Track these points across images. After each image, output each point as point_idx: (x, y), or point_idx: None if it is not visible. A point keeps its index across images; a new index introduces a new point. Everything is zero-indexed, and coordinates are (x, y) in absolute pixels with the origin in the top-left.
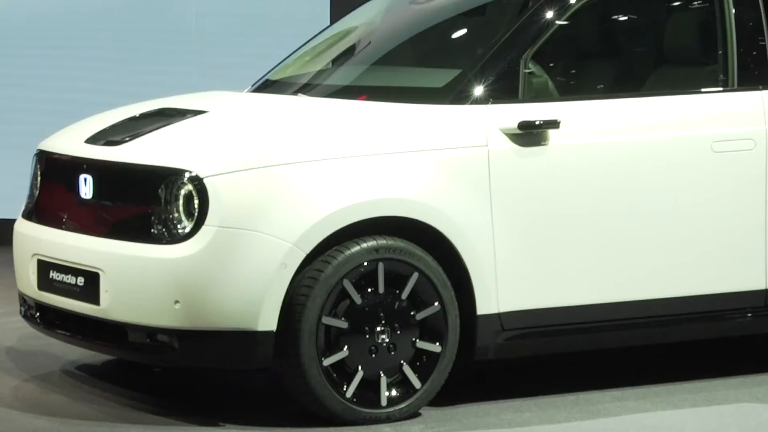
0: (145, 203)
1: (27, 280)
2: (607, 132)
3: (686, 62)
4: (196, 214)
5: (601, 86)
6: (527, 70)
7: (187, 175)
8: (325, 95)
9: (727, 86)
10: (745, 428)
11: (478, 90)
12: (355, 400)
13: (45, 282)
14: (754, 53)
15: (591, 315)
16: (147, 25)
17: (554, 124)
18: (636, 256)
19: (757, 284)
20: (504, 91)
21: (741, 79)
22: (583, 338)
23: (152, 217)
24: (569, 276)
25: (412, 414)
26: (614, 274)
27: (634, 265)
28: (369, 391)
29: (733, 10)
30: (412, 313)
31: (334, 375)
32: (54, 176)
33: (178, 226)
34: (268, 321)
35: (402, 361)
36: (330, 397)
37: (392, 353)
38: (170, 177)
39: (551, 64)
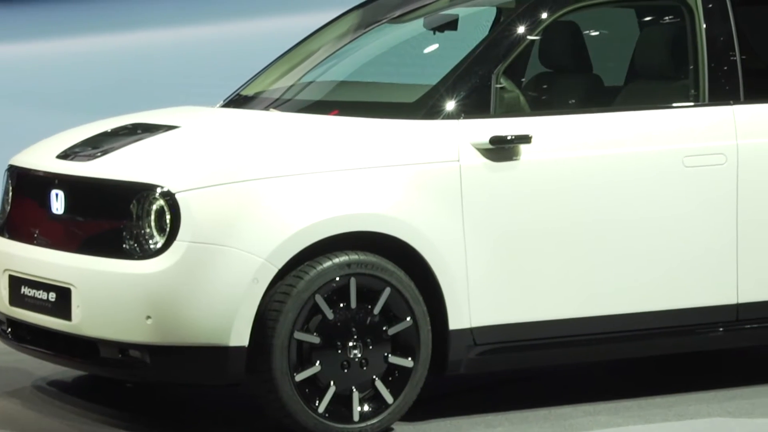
0: (117, 218)
1: None
2: (578, 147)
3: (657, 77)
4: (167, 229)
5: (573, 101)
6: (499, 85)
7: (159, 190)
8: (296, 110)
9: (698, 101)
10: None
11: (450, 105)
12: (327, 415)
13: (16, 297)
14: (725, 68)
15: (563, 330)
16: None
17: (526, 139)
18: (608, 270)
19: (728, 299)
20: (476, 106)
21: (712, 94)
22: (556, 353)
23: (124, 233)
24: (541, 291)
25: (385, 429)
26: (586, 289)
27: (605, 280)
28: (341, 406)
29: (704, 25)
30: (384, 328)
31: (307, 390)
32: (25, 191)
33: (150, 241)
34: (239, 336)
35: (374, 376)
36: (302, 412)
37: (364, 368)
38: (142, 192)
39: (523, 79)
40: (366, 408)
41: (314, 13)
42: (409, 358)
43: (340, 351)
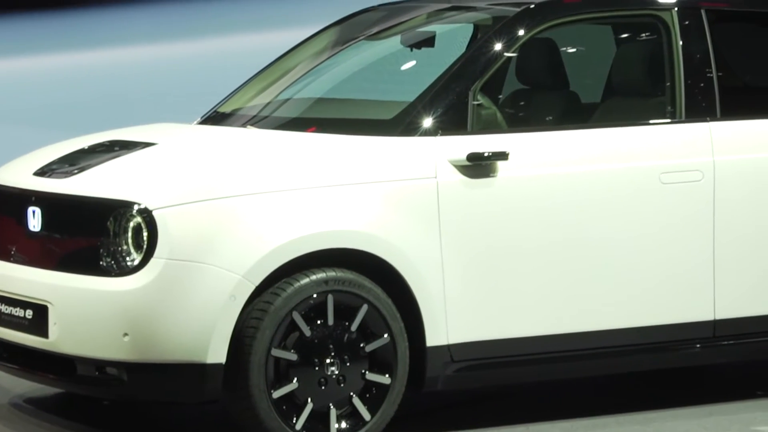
0: (94, 236)
1: None
2: (555, 164)
3: (634, 94)
4: (145, 246)
5: (550, 118)
6: (476, 102)
7: (136, 207)
8: (274, 127)
9: (675, 118)
10: None
11: (427, 122)
12: None
13: None
14: (702, 85)
15: (541, 346)
16: None
17: (503, 155)
18: (585, 287)
19: (705, 315)
20: (453, 123)
21: (689, 111)
22: (533, 370)
23: (101, 250)
24: (519, 307)
25: None
26: (563, 306)
27: (583, 297)
28: (319, 423)
29: (681, 42)
30: (361, 344)
31: (284, 407)
32: (2, 209)
33: (127, 258)
34: (217, 353)
35: (351, 393)
36: (279, 429)
37: (342, 385)
38: (119, 209)
39: (500, 96)
40: (343, 425)
41: (292, 29)
42: (387, 375)
43: (317, 368)
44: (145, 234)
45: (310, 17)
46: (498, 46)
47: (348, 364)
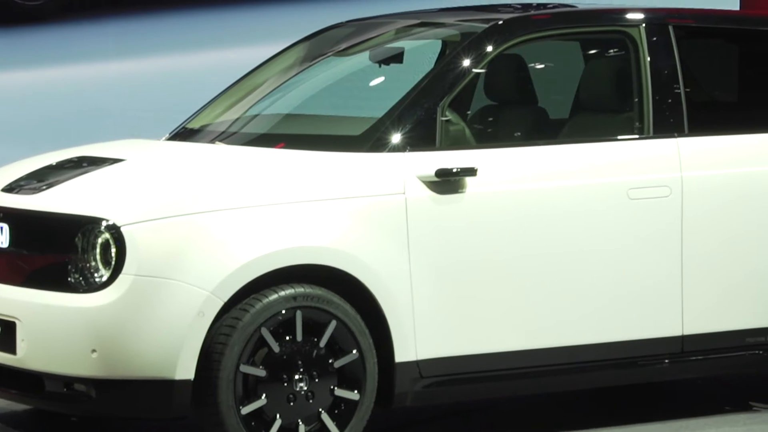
0: (62, 252)
1: None
2: (524, 179)
3: (602, 110)
4: (113, 262)
5: (518, 134)
6: (444, 118)
7: (104, 223)
8: (242, 143)
9: (643, 134)
10: None
11: (396, 138)
12: None
13: None
14: (669, 101)
15: (510, 362)
16: None
17: (471, 171)
18: (554, 303)
19: (673, 330)
20: (421, 139)
21: (656, 127)
22: (502, 385)
23: (69, 266)
24: (487, 323)
25: None
26: (532, 321)
27: (551, 313)
28: None
29: (649, 58)
30: (330, 360)
31: (253, 423)
32: None
33: (95, 274)
34: (185, 369)
35: (320, 409)
36: None
37: (310, 401)
38: (87, 225)
39: (468, 112)
40: None
41: (260, 45)
42: (356, 391)
43: (286, 384)
44: (113, 250)
45: (278, 33)
46: (466, 62)
47: (317, 380)
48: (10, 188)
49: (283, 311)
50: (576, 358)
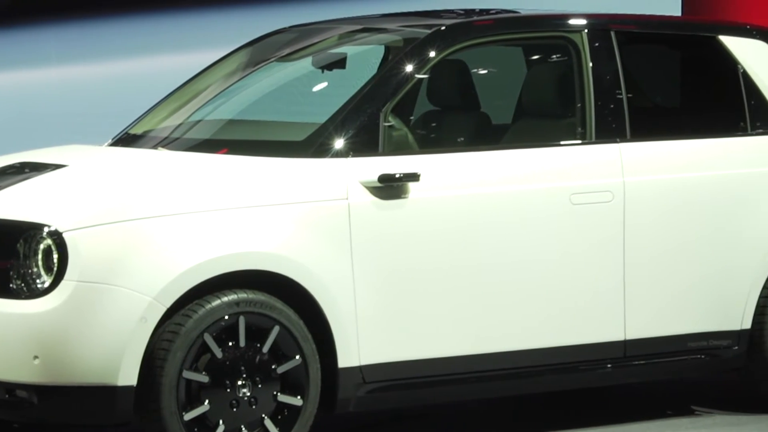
0: (4, 258)
1: None
2: (467, 185)
3: (545, 115)
4: (55, 268)
5: (461, 139)
6: (387, 124)
7: (46, 229)
8: (185, 149)
9: (585, 139)
10: None
11: (339, 143)
12: None
13: None
14: (612, 106)
15: (453, 367)
16: None
17: (414, 177)
18: (496, 308)
19: (616, 335)
20: (364, 145)
21: (599, 132)
22: (445, 390)
23: (11, 272)
24: (430, 328)
25: None
26: (475, 326)
27: (494, 317)
28: None
29: (591, 64)
30: (273, 366)
31: (196, 429)
32: None
33: (37, 280)
34: (128, 376)
35: (263, 415)
36: None
37: (253, 407)
38: (29, 231)
39: (411, 117)
40: None
41: (204, 51)
42: (299, 397)
43: (229, 390)
44: (55, 256)
45: (221, 39)
46: (409, 68)
47: (260, 385)
48: None
49: (226, 317)
50: (519, 363)
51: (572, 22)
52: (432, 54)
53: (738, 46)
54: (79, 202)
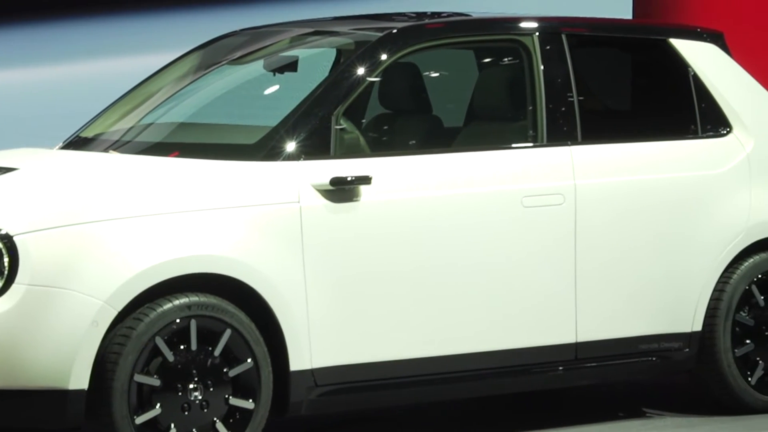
0: None
1: None
2: (418, 188)
3: (496, 118)
4: (5, 272)
5: (413, 142)
6: (339, 127)
7: None
8: (136, 152)
9: (537, 142)
10: None
11: (290, 146)
12: None
13: None
14: (563, 109)
15: (404, 370)
16: None
17: (366, 180)
18: (448, 311)
19: (567, 338)
20: (316, 148)
21: (550, 135)
22: (398, 393)
23: None
24: (382, 331)
25: None
26: (427, 330)
27: (446, 320)
28: None
29: (542, 67)
30: (225, 369)
31: None
32: None
33: None
34: (79, 379)
35: (215, 418)
36: None
37: (205, 410)
38: None
39: (363, 120)
40: None
41: (155, 53)
42: (250, 400)
43: (180, 393)
44: (5, 260)
45: (172, 42)
46: (360, 71)
47: (211, 389)
48: None
49: (178, 320)
50: (471, 365)
51: (523, 25)
52: (383, 57)
53: (689, 49)
54: (30, 206)
